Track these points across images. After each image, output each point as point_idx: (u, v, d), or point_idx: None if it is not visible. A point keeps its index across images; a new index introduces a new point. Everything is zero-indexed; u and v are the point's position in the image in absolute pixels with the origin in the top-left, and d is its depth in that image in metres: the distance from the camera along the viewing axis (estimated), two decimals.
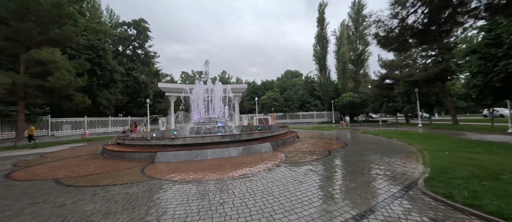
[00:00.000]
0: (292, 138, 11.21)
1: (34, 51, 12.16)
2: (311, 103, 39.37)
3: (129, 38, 31.13)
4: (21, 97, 13.68)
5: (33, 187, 4.87)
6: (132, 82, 29.95)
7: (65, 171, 6.35)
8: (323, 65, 39.16)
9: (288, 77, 64.59)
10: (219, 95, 14.07)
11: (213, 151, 7.74)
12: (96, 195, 4.13)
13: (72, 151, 10.93)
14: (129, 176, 5.47)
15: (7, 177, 5.90)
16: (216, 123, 13.09)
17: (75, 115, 23.91)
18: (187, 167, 6.22)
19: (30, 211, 3.46)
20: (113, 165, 6.98)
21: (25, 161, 8.49)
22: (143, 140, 8.97)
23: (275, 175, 5.05)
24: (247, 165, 6.23)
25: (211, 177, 5.09)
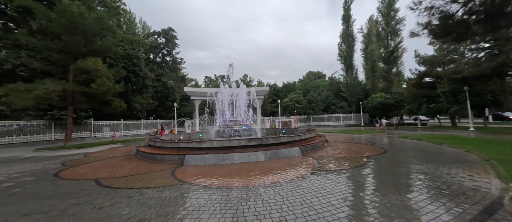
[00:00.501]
0: (321, 142, 10.47)
1: (80, 61, 13.60)
2: (337, 105, 37.29)
3: (159, 46, 33.37)
4: (70, 103, 15.38)
5: (76, 186, 5.16)
6: (161, 87, 31.92)
7: (104, 171, 6.71)
8: (350, 64, 36.91)
9: (311, 78, 62.51)
10: (243, 98, 13.98)
11: (240, 155, 7.52)
12: (131, 198, 4.14)
13: (110, 152, 11.78)
14: (161, 179, 5.50)
15: (56, 175, 6.44)
16: (240, 126, 12.98)
17: (113, 118, 26.25)
18: (216, 171, 6.06)
19: (73, 213, 3.56)
20: (146, 166, 7.19)
21: (72, 160, 9.34)
22: (172, 142, 9.19)
23: (312, 185, 4.55)
24: (277, 171, 5.83)
25: (241, 183, 4.81)
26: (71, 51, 14.08)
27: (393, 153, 8.12)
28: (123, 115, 26.20)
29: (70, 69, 14.21)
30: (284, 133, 16.81)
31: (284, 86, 54.13)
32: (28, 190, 5.05)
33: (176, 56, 36.11)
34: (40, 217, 3.42)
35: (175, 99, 32.80)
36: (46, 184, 5.47)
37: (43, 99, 12.92)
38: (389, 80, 32.72)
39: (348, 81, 36.38)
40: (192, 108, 36.51)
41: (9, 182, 5.86)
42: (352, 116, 36.30)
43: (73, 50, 13.96)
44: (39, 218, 3.40)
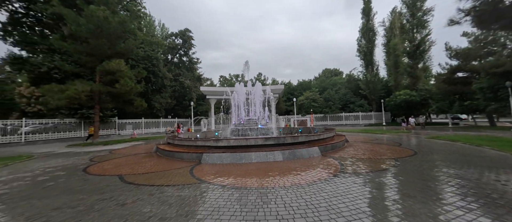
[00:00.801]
0: (341, 142, 9.94)
1: (105, 63, 14.43)
2: (356, 103, 35.59)
3: (176, 47, 34.47)
4: (97, 102, 16.43)
5: (102, 182, 5.37)
6: (178, 87, 32.96)
7: (127, 168, 6.97)
8: (370, 60, 34.96)
9: (327, 76, 60.43)
10: (259, 97, 13.80)
11: (257, 154, 7.36)
12: (152, 196, 4.18)
13: (133, 149, 12.34)
14: (180, 177, 5.53)
15: (84, 170, 6.82)
16: (256, 125, 12.83)
17: (135, 117, 27.68)
18: (233, 170, 5.97)
19: (98, 208, 3.66)
20: (165, 164, 7.34)
21: (98, 156, 9.90)
22: (190, 140, 9.32)
23: (336, 188, 4.22)
24: (296, 172, 5.57)
25: (260, 184, 4.64)
26: (97, 54, 14.99)
27: (425, 155, 7.40)
28: (144, 113, 27.52)
29: (96, 70, 15.15)
30: (301, 132, 16.36)
31: (299, 84, 52.98)
32: (60, 184, 5.36)
33: (192, 56, 37.05)
34: (68, 212, 3.56)
35: (192, 99, 33.68)
36: (76, 179, 5.78)
37: (74, 99, 13.93)
38: (415, 76, 30.39)
39: (368, 78, 34.49)
40: (208, 107, 37.27)
41: (44, 176, 6.32)
42: (373, 114, 34.41)
43: (99, 52, 14.85)
44: (68, 212, 3.54)
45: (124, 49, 16.55)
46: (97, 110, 16.79)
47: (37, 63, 19.29)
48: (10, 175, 6.48)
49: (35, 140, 18.63)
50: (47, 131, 19.75)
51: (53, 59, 18.91)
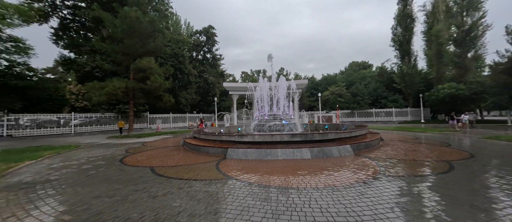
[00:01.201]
0: (376, 141, 9.02)
1: (138, 61, 15.44)
2: (389, 98, 32.57)
3: (200, 44, 35.51)
4: (131, 98, 17.79)
5: (136, 173, 5.64)
6: (203, 83, 34.06)
7: (157, 160, 7.28)
8: (407, 50, 31.41)
9: (355, 69, 56.36)
10: (283, 92, 13.32)
11: (283, 151, 7.03)
12: (181, 190, 4.18)
13: (162, 142, 13.04)
14: (207, 172, 5.52)
15: (121, 161, 7.31)
16: (280, 121, 12.45)
17: (163, 112, 29.51)
18: (259, 167, 5.75)
19: (132, 199, 3.76)
20: (192, 158, 7.48)
21: (133, 148, 10.65)
22: (215, 135, 9.40)
23: (380, 194, 3.69)
24: (328, 172, 5.11)
25: (290, 183, 4.32)
26: (131, 53, 16.11)
27: (485, 159, 6.22)
28: (172, 109, 29.14)
29: (130, 68, 16.31)
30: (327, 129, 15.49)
31: (324, 79, 50.47)
32: (100, 173, 5.79)
33: (215, 53, 37.82)
34: (106, 201, 3.73)
35: (215, 94, 34.56)
36: (113, 169, 6.20)
37: (112, 95, 15.26)
38: (463, 67, 26.36)
39: (405, 70, 31.11)
40: (231, 102, 37.88)
41: (87, 164, 6.93)
42: (409, 111, 31.15)
43: (132, 51, 15.94)
44: (106, 201, 3.71)
45: (154, 48, 17.49)
46: (131, 105, 18.19)
47: (82, 63, 21.65)
48: (61, 163, 7.27)
49: (82, 131, 21.08)
50: (92, 124, 22.19)
51: (94, 59, 20.98)
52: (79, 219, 3.06)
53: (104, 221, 2.99)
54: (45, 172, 5.96)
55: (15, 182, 5.08)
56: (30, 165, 6.93)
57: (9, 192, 4.32)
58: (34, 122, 18.64)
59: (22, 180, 5.19)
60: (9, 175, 5.78)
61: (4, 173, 5.79)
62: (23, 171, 6.21)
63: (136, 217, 3.06)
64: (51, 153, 9.10)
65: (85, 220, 3.04)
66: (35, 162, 7.39)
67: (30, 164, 7.05)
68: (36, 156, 8.08)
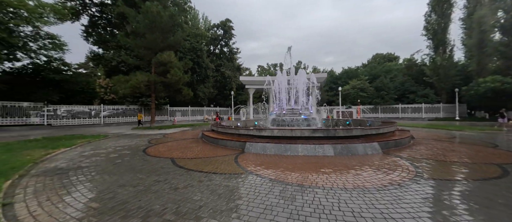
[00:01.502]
0: (406, 139, 8.24)
1: (159, 55, 15.93)
2: (418, 93, 29.97)
3: (218, 38, 35.66)
4: (153, 91, 18.56)
5: (158, 163, 5.76)
6: (220, 77, 34.41)
7: (178, 151, 7.42)
8: (442, 39, 28.30)
9: (379, 62, 52.59)
10: (302, 85, 12.79)
11: (304, 147, 6.70)
12: (201, 183, 4.13)
13: (182, 134, 13.41)
14: (226, 165, 5.44)
15: (144, 151, 7.59)
16: (299, 115, 12.02)
17: (183, 105, 30.51)
18: (279, 163, 5.52)
19: (154, 190, 3.78)
20: (211, 150, 7.49)
21: (155, 139, 11.07)
22: (233, 129, 9.34)
23: (422, 199, 3.25)
24: (355, 171, 4.70)
25: (315, 182, 4.03)
26: (152, 47, 16.67)
27: None
28: (190, 102, 29.99)
29: (152, 63, 16.91)
30: (348, 124, 14.70)
31: (344, 72, 47.98)
32: (125, 162, 6.02)
33: (232, 46, 37.79)
34: (130, 190, 3.80)
35: (232, 88, 34.76)
36: (137, 159, 6.42)
37: (136, 88, 16.03)
38: (511, 57, 23.06)
39: (438, 62, 28.17)
40: (247, 96, 37.90)
41: (114, 153, 7.30)
42: (441, 107, 28.37)
43: (154, 45, 16.46)
44: (130, 191, 3.77)
45: (174, 42, 17.88)
46: (153, 98, 19.01)
47: (109, 58, 22.99)
48: (91, 151, 7.76)
49: (110, 122, 22.65)
50: (118, 115, 23.73)
51: (120, 55, 22.16)
52: (105, 208, 3.12)
53: (129, 210, 3.01)
54: (77, 159, 6.37)
55: (51, 167, 5.48)
56: (65, 152, 7.50)
57: (46, 177, 4.64)
58: (70, 113, 20.43)
59: (58, 166, 5.59)
60: (47, 160, 6.28)
61: (43, 159, 6.31)
62: (59, 157, 6.72)
63: (158, 209, 3.04)
64: (83, 141, 9.81)
65: (111, 208, 3.09)
66: (69, 149, 7.99)
67: (65, 151, 7.63)
68: (70, 144, 8.75)
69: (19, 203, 3.32)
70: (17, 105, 17.21)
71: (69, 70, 22.16)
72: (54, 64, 20.22)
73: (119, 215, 2.87)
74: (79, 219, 2.80)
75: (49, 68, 19.71)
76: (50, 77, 19.16)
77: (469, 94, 23.83)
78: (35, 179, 4.48)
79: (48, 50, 18.73)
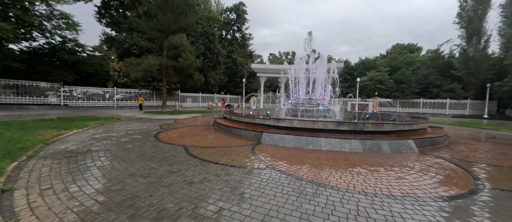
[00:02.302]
0: (443, 137, 7.31)
1: (171, 37, 15.36)
2: (443, 87, 27.76)
3: (230, 22, 34.37)
4: (164, 75, 18.24)
5: (170, 151, 5.35)
6: (231, 64, 33.56)
7: (190, 139, 7.00)
8: (477, 29, 25.51)
9: (400, 52, 49.09)
10: (322, 74, 11.83)
11: (328, 140, 6.04)
12: (219, 177, 3.63)
13: (192, 120, 13.10)
14: (243, 157, 4.92)
15: (156, 137, 7.25)
16: (317, 106, 11.22)
17: (193, 91, 30.28)
18: (302, 158, 4.92)
19: (167, 183, 3.33)
20: (225, 139, 7.02)
21: (166, 124, 10.80)
22: (248, 117, 8.77)
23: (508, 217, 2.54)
24: (396, 173, 4.01)
25: (351, 184, 3.40)
26: (164, 29, 16.08)
27: None
28: (201, 88, 29.68)
29: (164, 46, 16.40)
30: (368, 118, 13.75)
31: (361, 62, 45.37)
32: (136, 147, 5.67)
33: (245, 32, 36.43)
34: (141, 182, 3.37)
35: (243, 76, 33.93)
36: (149, 145, 6.06)
37: (147, 71, 15.73)
38: None
39: (470, 54, 25.59)
40: (258, 85, 36.99)
41: (125, 137, 7.01)
42: (468, 103, 26.22)
43: (166, 27, 15.86)
44: (140, 182, 3.34)
45: (186, 24, 17.16)
46: (164, 83, 18.75)
47: (121, 40, 22.74)
48: (103, 133, 7.54)
49: (123, 105, 22.89)
50: (131, 99, 23.90)
51: (132, 37, 21.81)
52: (112, 202, 2.69)
53: (138, 208, 2.56)
54: (88, 142, 6.12)
55: (61, 149, 5.22)
56: (77, 134, 7.32)
57: (53, 160, 4.35)
58: (85, 94, 20.75)
59: (67, 148, 5.32)
60: (58, 141, 6.07)
61: (54, 140, 6.10)
62: (70, 138, 6.52)
63: (172, 209, 2.56)
64: (96, 123, 9.69)
65: (119, 204, 2.66)
66: (82, 131, 7.82)
67: (77, 133, 7.45)
68: (82, 126, 8.60)
69: (20, 190, 2.98)
70: (35, 85, 17.56)
71: (83, 51, 22.22)
72: (68, 45, 20.28)
73: (127, 214, 2.42)
74: (80, 216, 2.38)
75: (64, 48, 19.79)
76: (65, 58, 19.28)
77: (502, 91, 21.66)
78: (42, 162, 4.18)
79: (62, 30, 18.68)
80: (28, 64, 17.22)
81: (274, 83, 49.06)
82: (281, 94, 34.24)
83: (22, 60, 16.39)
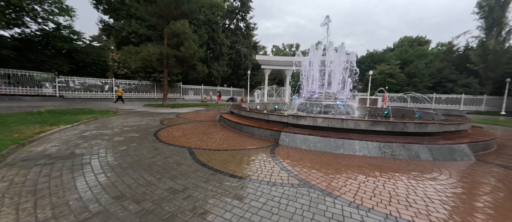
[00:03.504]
0: (493, 141, 6.20)
1: (172, 23, 14.09)
2: (458, 82, 26.35)
3: (234, 10, 32.65)
4: (165, 66, 17.07)
5: (172, 155, 4.32)
6: (235, 55, 32.13)
7: (195, 138, 5.97)
8: (498, 19, 23.79)
9: (411, 45, 47.05)
10: (340, 65, 10.61)
11: (363, 144, 4.97)
12: (241, 201, 2.59)
13: (196, 114, 12.06)
14: (264, 165, 3.88)
15: (155, 135, 6.22)
16: (334, 100, 10.11)
17: (196, 83, 29.09)
18: (339, 167, 3.86)
19: (169, 213, 2.29)
20: (235, 139, 5.98)
21: (168, 119, 9.77)
22: (260, 113, 7.69)
23: None
24: (479, 195, 2.95)
25: (437, 217, 2.35)
26: (165, 14, 14.78)
27: None
28: (203, 81, 28.48)
29: (164, 33, 15.13)
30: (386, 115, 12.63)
31: (369, 55, 43.65)
32: (131, 150, 4.65)
33: (249, 21, 34.73)
34: (131, 209, 2.34)
35: (247, 68, 32.58)
36: (147, 146, 5.04)
37: (147, 61, 14.57)
38: None
39: (490, 47, 23.99)
40: (262, 77, 35.61)
41: (120, 135, 5.99)
42: (484, 99, 24.88)
43: (166, 12, 14.55)
44: (130, 211, 2.32)
45: (188, 10, 15.80)
46: (165, 74, 17.60)
47: (119, 27, 21.41)
48: (95, 130, 6.52)
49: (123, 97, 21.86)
50: (131, 91, 22.84)
51: (130, 24, 20.46)
52: None
53: None
54: (73, 142, 5.11)
55: (37, 153, 4.20)
56: (63, 131, 6.31)
57: (20, 169, 3.33)
58: (82, 85, 19.70)
59: (45, 151, 4.31)
60: (37, 141, 5.06)
61: (34, 138, 5.08)
62: (54, 137, 5.51)
63: None
64: (89, 117, 8.68)
65: None
66: (71, 127, 6.82)
67: (64, 129, 6.44)
68: (73, 120, 7.59)
69: None
70: (28, 74, 16.50)
71: (79, 39, 20.97)
72: (63, 32, 19.03)
73: None
74: None
75: (58, 36, 18.56)
76: (59, 45, 18.10)
77: None
78: (3, 173, 3.17)
79: (55, 15, 17.38)
80: (19, 52, 16.08)
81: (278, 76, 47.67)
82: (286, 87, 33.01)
83: (12, 47, 15.25)
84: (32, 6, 16.56)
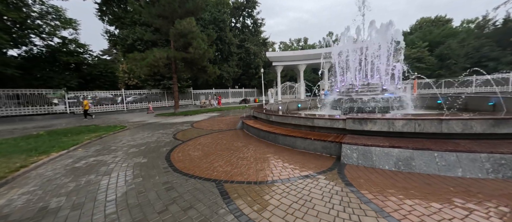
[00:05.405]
0: None
1: (177, 22, 12.70)
2: (502, 60, 22.91)
3: (240, 7, 31.06)
4: (174, 71, 15.79)
5: (194, 203, 2.68)
6: (244, 54, 30.54)
7: (220, 160, 4.33)
8: None
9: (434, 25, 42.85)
10: (385, 48, 8.57)
11: (493, 158, 3.05)
12: None
13: (212, 122, 10.53)
14: (348, 216, 2.13)
15: (168, 159, 4.67)
16: (382, 92, 8.11)
17: (206, 87, 27.85)
18: (481, 204, 2.01)
19: None
20: (274, 158, 4.26)
21: (181, 131, 8.30)
22: (300, 118, 5.87)
23: None
24: None
25: None
26: (169, 15, 13.49)
27: None
28: (214, 84, 27.16)
29: (170, 34, 13.80)
30: (493, 105, 10.17)
31: None
32: (132, 196, 3.08)
33: (257, 17, 33.00)
34: None
35: (258, 66, 30.86)
36: (156, 182, 3.46)
37: (153, 66, 13.33)
38: None
39: None
40: (274, 75, 33.67)
41: (122, 164, 4.50)
42: None
43: (170, 12, 13.25)
44: None
45: (193, 7, 14.38)
46: (175, 79, 16.33)
47: (124, 36, 20.56)
48: (93, 158, 5.11)
49: (134, 108, 21.00)
50: (142, 101, 21.97)
51: (135, 31, 19.50)
52: None
53: None
54: (56, 182, 3.65)
55: None
56: (53, 160, 4.94)
57: None
58: (94, 100, 19.01)
59: (5, 208, 2.84)
60: (10, 183, 3.65)
61: (6, 179, 3.68)
62: (35, 174, 4.11)
63: None
64: (92, 137, 7.39)
65: None
66: (65, 153, 5.47)
67: (55, 158, 5.08)
68: (71, 143, 6.27)
69: None
70: (37, 92, 15.91)
71: (86, 52, 20.34)
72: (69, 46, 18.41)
73: None
74: None
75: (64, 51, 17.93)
76: (65, 59, 17.43)
77: None
78: None
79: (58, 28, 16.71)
80: (25, 70, 15.49)
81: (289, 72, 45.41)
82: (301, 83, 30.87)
83: (17, 66, 14.64)
84: (37, 22, 15.98)
